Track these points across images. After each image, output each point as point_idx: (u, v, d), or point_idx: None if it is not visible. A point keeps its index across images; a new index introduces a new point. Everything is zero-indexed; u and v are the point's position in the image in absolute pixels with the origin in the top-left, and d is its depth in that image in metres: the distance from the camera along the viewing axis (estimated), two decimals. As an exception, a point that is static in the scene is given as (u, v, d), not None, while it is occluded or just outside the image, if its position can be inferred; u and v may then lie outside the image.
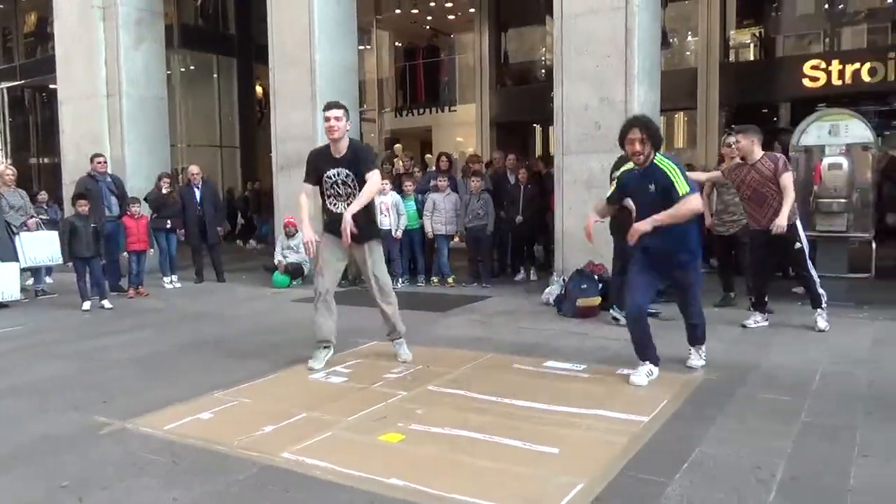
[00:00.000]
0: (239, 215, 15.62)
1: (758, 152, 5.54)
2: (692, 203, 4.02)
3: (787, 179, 5.39)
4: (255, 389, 4.36)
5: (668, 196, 4.04)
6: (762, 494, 2.68)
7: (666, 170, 4.04)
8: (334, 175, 4.70)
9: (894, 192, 10.62)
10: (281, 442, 3.38)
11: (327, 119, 4.62)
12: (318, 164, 4.77)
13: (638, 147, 4.06)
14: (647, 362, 4.28)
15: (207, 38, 17.55)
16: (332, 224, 4.78)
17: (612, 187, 4.47)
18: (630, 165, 4.26)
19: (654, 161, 4.09)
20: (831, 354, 4.82)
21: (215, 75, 17.91)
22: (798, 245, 5.60)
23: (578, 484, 2.80)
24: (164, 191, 9.12)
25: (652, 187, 4.08)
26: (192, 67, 17.70)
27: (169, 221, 9.09)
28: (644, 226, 4.08)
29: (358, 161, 4.66)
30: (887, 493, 2.68)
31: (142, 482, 2.98)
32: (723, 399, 3.88)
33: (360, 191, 4.60)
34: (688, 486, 2.77)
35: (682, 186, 3.99)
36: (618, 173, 4.45)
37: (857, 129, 6.45)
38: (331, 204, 4.80)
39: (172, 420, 3.77)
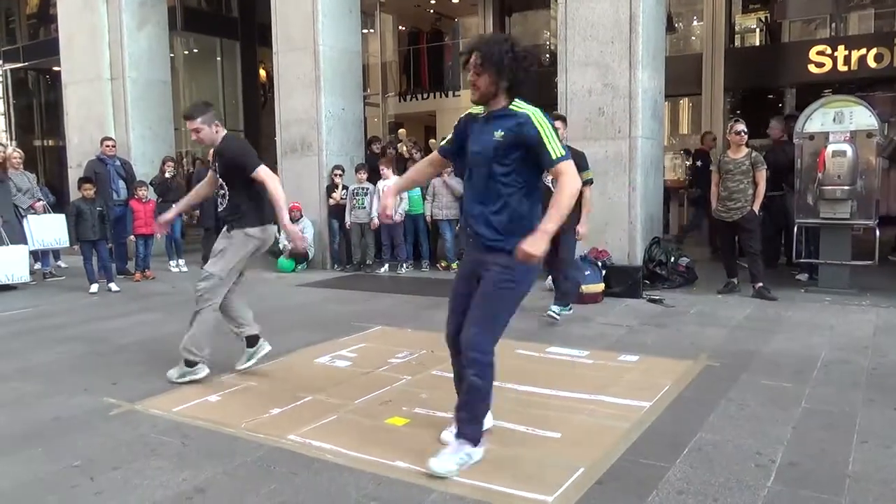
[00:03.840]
0: None
1: None
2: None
3: None
4: (262, 373, 4.41)
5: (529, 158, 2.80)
6: (761, 479, 2.73)
7: (529, 114, 2.79)
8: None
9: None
10: (287, 424, 3.44)
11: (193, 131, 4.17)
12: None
13: (472, 76, 2.81)
14: None
15: (211, 20, 17.45)
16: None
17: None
18: (477, 110, 2.96)
19: (510, 107, 2.83)
20: (833, 342, 4.85)
21: (219, 58, 17.83)
22: None
23: (580, 468, 2.85)
24: (167, 175, 9.14)
25: (498, 134, 2.80)
26: (195, 50, 17.63)
27: (174, 206, 9.11)
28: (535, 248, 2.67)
29: (226, 163, 4.19)
30: (885, 478, 2.72)
31: (152, 463, 3.03)
32: (724, 385, 3.93)
33: (226, 188, 4.22)
34: (688, 471, 2.81)
35: (555, 148, 2.74)
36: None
37: (861, 116, 6.45)
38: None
39: (181, 402, 3.83)
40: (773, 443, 3.07)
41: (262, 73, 17.80)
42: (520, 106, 2.83)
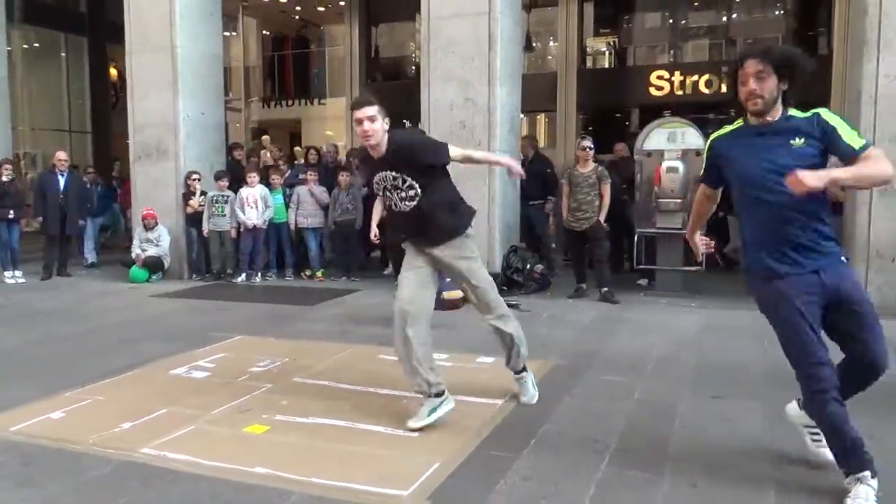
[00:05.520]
0: None
1: None
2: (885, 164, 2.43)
3: None
4: (111, 387, 4.23)
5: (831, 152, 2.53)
6: (597, 463, 3.01)
7: (820, 113, 2.56)
8: (381, 181, 3.57)
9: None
10: (140, 438, 3.34)
11: (359, 122, 3.39)
12: (364, 166, 3.90)
13: (753, 84, 2.54)
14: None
15: (54, 13, 16.25)
16: (397, 230, 3.81)
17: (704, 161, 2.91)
18: (728, 128, 2.75)
19: (790, 114, 2.59)
20: (665, 340, 5.36)
21: (63, 54, 16.64)
22: None
23: (435, 463, 3.00)
24: (4, 178, 8.45)
25: (797, 141, 2.53)
26: (36, 45, 16.35)
27: (11, 212, 8.45)
28: (814, 180, 2.33)
29: (404, 157, 3.47)
30: (701, 459, 3.09)
31: (-13, 485, 2.85)
32: (569, 381, 4.25)
33: (420, 189, 3.48)
34: (533, 460, 3.05)
35: (854, 139, 2.50)
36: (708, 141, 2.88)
37: (691, 137, 7.17)
38: (393, 206, 3.62)
39: (20, 421, 3.59)
40: (608, 431, 3.38)
41: (114, 71, 16.81)
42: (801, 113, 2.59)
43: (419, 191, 3.48)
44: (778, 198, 2.52)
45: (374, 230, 5.79)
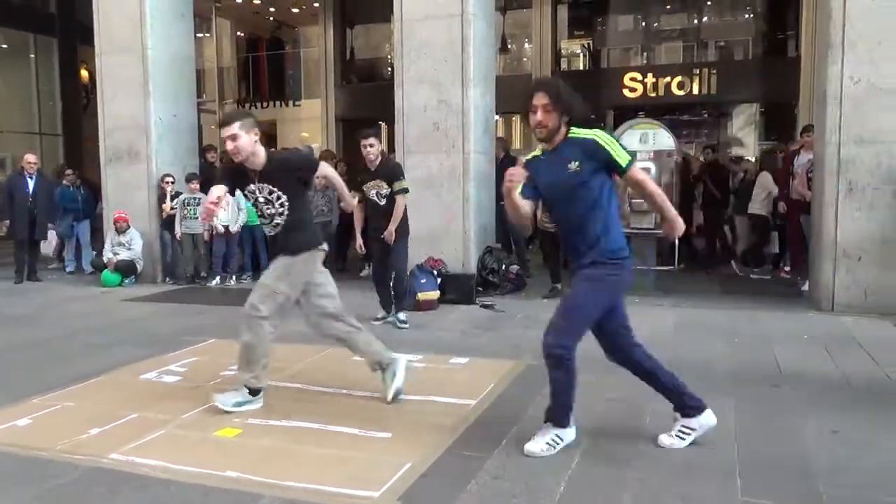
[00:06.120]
0: None
1: None
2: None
3: None
4: (80, 392, 4.17)
5: (601, 171, 3.02)
6: (567, 461, 3.04)
7: (595, 138, 2.98)
8: (256, 191, 3.73)
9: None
10: (108, 444, 3.30)
11: (224, 140, 3.61)
12: (232, 176, 3.82)
13: (540, 116, 2.98)
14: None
15: (22, 14, 15.98)
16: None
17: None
18: (537, 151, 3.22)
19: (570, 136, 3.02)
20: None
21: (32, 55, 16.38)
22: None
23: (407, 464, 3.00)
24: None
25: (573, 165, 2.98)
26: (4, 46, 16.07)
27: None
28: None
29: (285, 170, 3.70)
30: (668, 456, 3.13)
31: (-51, 494, 2.80)
32: (542, 381, 4.21)
33: (289, 205, 3.70)
34: (504, 459, 3.06)
35: (621, 157, 3.01)
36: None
37: (662, 138, 7.27)
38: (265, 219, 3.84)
39: (-17, 429, 3.53)
40: (579, 430, 3.39)
41: (85, 73, 16.57)
42: (578, 132, 3.04)
43: (287, 208, 3.72)
44: (556, 210, 3.23)
45: (360, 242, 5.87)
